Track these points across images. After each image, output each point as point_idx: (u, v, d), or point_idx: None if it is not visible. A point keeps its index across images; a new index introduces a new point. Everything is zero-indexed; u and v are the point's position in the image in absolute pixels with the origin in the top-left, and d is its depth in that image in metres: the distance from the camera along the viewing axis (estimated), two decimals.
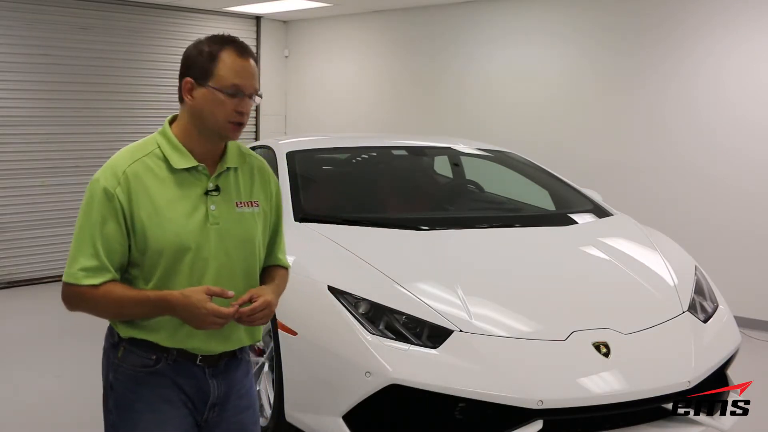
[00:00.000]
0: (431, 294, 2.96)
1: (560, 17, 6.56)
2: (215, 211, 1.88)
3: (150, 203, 1.82)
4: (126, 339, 1.89)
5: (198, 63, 1.86)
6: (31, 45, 6.65)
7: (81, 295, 1.82)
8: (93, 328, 5.38)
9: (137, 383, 1.89)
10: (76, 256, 1.81)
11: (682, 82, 5.87)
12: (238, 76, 1.84)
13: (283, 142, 4.33)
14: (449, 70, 7.36)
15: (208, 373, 1.93)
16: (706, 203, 5.81)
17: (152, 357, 1.88)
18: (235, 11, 7.99)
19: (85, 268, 1.79)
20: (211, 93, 1.84)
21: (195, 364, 1.91)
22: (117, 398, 1.92)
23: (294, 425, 3.06)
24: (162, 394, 1.89)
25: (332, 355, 2.85)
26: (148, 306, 1.81)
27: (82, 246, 1.81)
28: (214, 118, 1.85)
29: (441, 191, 4.61)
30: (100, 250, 1.79)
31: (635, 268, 3.37)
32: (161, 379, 1.89)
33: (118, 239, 1.81)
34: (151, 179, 1.84)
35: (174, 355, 1.89)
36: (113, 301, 1.81)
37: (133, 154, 1.87)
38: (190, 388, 1.92)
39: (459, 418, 2.75)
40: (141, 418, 1.89)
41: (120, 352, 1.91)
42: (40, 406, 4.10)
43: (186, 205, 1.86)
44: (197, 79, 1.85)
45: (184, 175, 1.88)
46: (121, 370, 1.91)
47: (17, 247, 6.75)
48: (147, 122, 7.41)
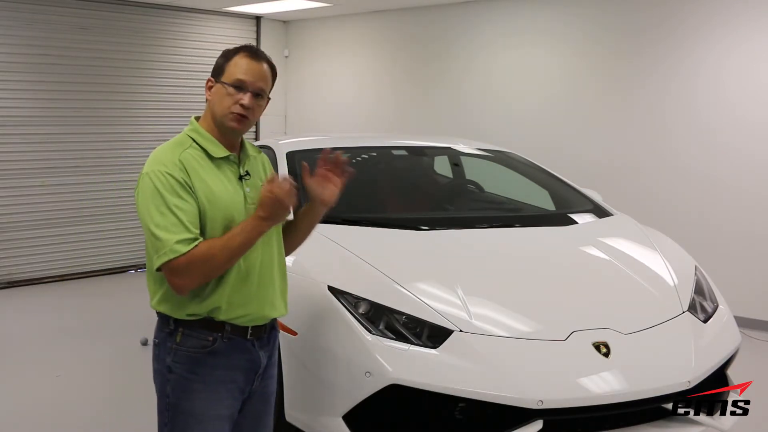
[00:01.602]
0: (431, 294, 2.96)
1: (560, 17, 6.56)
2: (250, 192, 2.15)
3: (204, 185, 2.05)
4: (181, 323, 2.09)
5: (217, 64, 2.14)
6: (31, 45, 6.65)
7: (188, 263, 1.97)
8: (93, 328, 5.40)
9: (196, 364, 2.09)
10: (166, 236, 1.97)
11: (682, 83, 5.87)
12: (243, 73, 2.09)
13: (283, 142, 4.33)
14: (449, 70, 7.36)
15: (257, 345, 2.18)
16: (706, 203, 5.81)
17: (209, 338, 2.09)
18: (235, 11, 7.99)
19: (180, 240, 1.97)
20: (221, 87, 2.11)
21: (246, 338, 2.14)
22: (176, 380, 2.10)
23: (294, 425, 3.06)
24: (218, 376, 2.10)
25: (332, 355, 2.85)
26: (245, 230, 2.00)
27: (167, 226, 1.98)
28: (221, 108, 2.10)
29: (441, 191, 4.61)
30: (186, 222, 1.99)
31: (635, 268, 3.37)
32: (218, 359, 2.09)
33: (194, 210, 2.03)
34: (198, 166, 2.08)
35: (228, 332, 2.10)
36: (220, 246, 1.99)
37: (176, 147, 2.10)
38: (245, 362, 2.15)
39: (459, 418, 2.75)
40: (198, 396, 2.08)
41: (178, 337, 2.09)
42: (40, 406, 4.10)
43: (229, 188, 2.11)
44: (215, 78, 2.13)
45: (221, 163, 2.13)
46: (180, 353, 2.09)
47: (17, 247, 6.76)
48: (147, 122, 7.42)
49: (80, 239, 7.14)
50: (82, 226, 7.15)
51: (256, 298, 2.14)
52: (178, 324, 2.10)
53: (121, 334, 5.20)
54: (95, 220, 7.21)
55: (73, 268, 7.11)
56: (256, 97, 2.11)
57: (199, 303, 2.07)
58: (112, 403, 4.11)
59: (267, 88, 2.15)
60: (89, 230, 7.19)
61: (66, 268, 7.07)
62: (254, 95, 2.10)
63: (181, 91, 7.67)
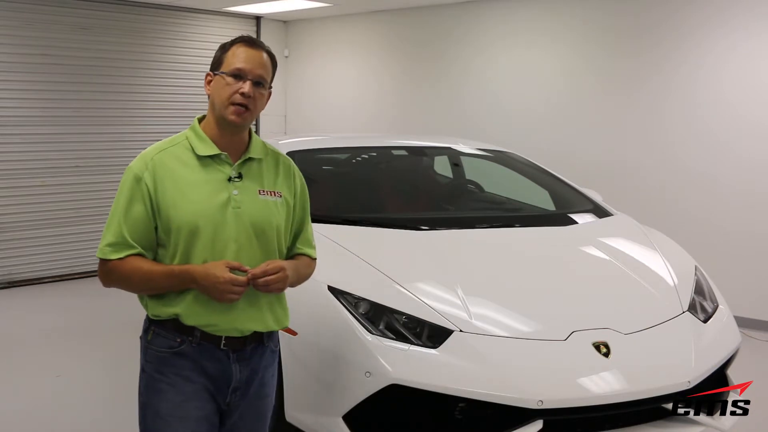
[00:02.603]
0: (431, 294, 2.96)
1: (561, 18, 6.56)
2: (238, 196, 2.05)
3: (174, 186, 2.00)
4: (154, 322, 2.06)
5: (215, 57, 2.10)
6: (31, 45, 6.64)
7: (111, 269, 2.01)
8: (93, 328, 5.40)
9: (163, 364, 2.05)
10: (105, 235, 2.02)
11: (682, 83, 5.87)
12: (242, 62, 2.03)
13: (283, 142, 4.33)
14: (449, 70, 7.36)
15: (233, 357, 2.07)
16: (705, 203, 5.81)
17: (177, 339, 2.04)
18: (235, 11, 7.99)
19: (111, 243, 2.00)
20: (220, 78, 2.05)
21: (219, 348, 2.05)
22: (146, 379, 2.08)
23: (294, 425, 3.06)
24: (185, 376, 2.04)
25: (332, 355, 2.85)
26: (172, 277, 1.98)
27: (110, 225, 2.02)
28: (220, 100, 2.04)
29: (441, 191, 4.61)
30: (123, 228, 1.99)
31: (635, 268, 3.37)
32: (185, 360, 2.03)
33: (142, 218, 2.00)
34: (177, 165, 2.03)
35: (198, 337, 2.03)
36: (142, 273, 1.99)
37: (163, 145, 2.09)
38: (214, 371, 2.06)
39: (459, 418, 2.75)
40: (164, 397, 2.04)
41: (150, 336, 2.08)
42: (40, 406, 4.10)
43: (208, 188, 2.03)
44: (213, 70, 2.09)
45: (207, 161, 2.05)
46: (150, 353, 2.08)
47: (17, 247, 6.75)
48: (147, 122, 7.41)
49: (80, 239, 7.14)
50: (82, 226, 7.15)
51: (225, 311, 2.02)
52: (152, 323, 2.08)
53: (121, 334, 5.20)
54: (95, 220, 7.21)
55: (73, 268, 7.11)
56: (257, 86, 2.04)
57: (161, 306, 2.04)
58: (112, 403, 4.10)
59: (267, 76, 2.08)
60: (89, 230, 7.18)
61: (66, 268, 7.07)
62: (254, 84, 2.03)
63: (181, 91, 7.66)
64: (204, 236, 1.99)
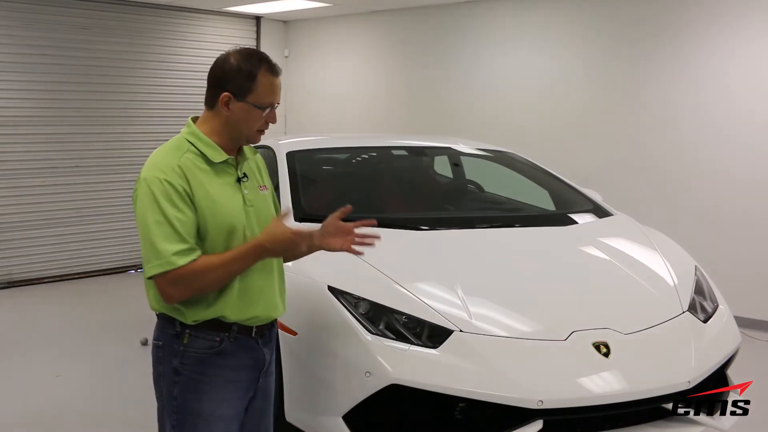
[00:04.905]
0: (431, 294, 2.96)
1: (562, 18, 6.56)
2: (248, 194, 2.18)
3: (204, 191, 2.06)
4: (190, 326, 2.09)
5: (237, 80, 2.08)
6: (31, 45, 6.65)
7: (183, 276, 1.99)
8: (93, 328, 5.40)
9: (204, 365, 2.10)
10: (163, 246, 1.98)
11: (685, 83, 5.87)
12: (273, 95, 2.13)
13: (283, 142, 4.33)
14: (449, 70, 7.36)
15: (261, 342, 2.22)
16: (705, 203, 5.81)
17: (216, 339, 2.11)
18: (235, 11, 7.99)
19: (178, 251, 1.98)
20: (248, 107, 2.10)
21: (251, 336, 2.17)
22: (184, 382, 2.10)
23: (294, 425, 3.06)
24: (226, 376, 2.13)
25: (332, 355, 2.85)
26: (247, 257, 2.05)
27: (164, 236, 1.98)
28: (249, 128, 2.14)
29: (441, 191, 4.60)
30: (183, 233, 2.00)
31: (635, 268, 3.37)
32: (226, 359, 2.12)
33: (192, 220, 2.03)
34: (197, 171, 2.07)
35: (235, 332, 2.12)
36: (218, 266, 2.03)
37: (175, 151, 2.09)
38: (251, 360, 2.19)
39: (459, 418, 2.75)
40: (207, 397, 2.10)
41: (185, 339, 2.10)
42: (39, 406, 4.10)
43: (228, 191, 2.12)
44: (236, 95, 2.09)
45: (219, 167, 2.13)
46: (188, 355, 2.10)
47: (17, 247, 6.76)
48: (147, 122, 7.42)
49: (80, 239, 7.15)
50: (82, 226, 7.15)
51: (260, 300, 2.18)
52: (184, 326, 2.10)
53: (121, 334, 5.20)
54: (95, 220, 7.22)
55: (73, 268, 7.12)
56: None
57: (202, 310, 2.08)
58: (112, 403, 4.11)
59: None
60: (89, 230, 7.19)
61: (66, 268, 7.08)
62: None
63: (181, 91, 7.67)
64: (238, 234, 2.10)
